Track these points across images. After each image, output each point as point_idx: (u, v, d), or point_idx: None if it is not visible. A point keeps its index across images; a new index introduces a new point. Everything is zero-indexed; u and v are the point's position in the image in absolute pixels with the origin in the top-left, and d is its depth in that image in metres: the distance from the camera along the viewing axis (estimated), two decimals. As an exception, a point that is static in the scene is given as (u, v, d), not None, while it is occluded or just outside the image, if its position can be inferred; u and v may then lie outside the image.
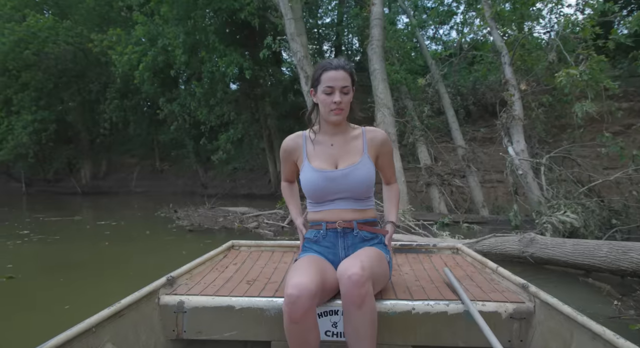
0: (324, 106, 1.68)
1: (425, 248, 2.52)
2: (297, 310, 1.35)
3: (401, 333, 1.55)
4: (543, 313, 1.51)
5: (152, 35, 12.05)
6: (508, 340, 1.52)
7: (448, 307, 1.54)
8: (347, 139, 1.77)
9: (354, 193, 1.71)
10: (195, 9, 10.69)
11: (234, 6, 10.36)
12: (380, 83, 7.33)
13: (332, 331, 1.55)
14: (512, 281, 1.80)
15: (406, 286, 1.78)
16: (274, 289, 1.73)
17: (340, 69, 1.66)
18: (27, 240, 5.94)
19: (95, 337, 1.31)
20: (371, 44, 7.63)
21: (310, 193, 1.74)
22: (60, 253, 5.15)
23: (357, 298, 1.35)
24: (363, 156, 1.72)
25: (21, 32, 14.32)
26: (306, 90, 7.24)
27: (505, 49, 7.16)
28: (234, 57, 10.93)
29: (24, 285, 3.73)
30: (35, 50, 14.96)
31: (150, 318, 1.58)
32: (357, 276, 1.36)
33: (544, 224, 4.79)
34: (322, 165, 1.71)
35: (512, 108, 6.64)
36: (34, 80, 16.54)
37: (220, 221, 7.34)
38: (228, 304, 1.59)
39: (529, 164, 6.27)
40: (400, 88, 9.15)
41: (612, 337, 1.18)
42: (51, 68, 16.50)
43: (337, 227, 1.71)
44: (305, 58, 7.47)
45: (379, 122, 7.20)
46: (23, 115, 16.52)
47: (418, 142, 8.43)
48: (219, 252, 2.37)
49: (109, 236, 6.31)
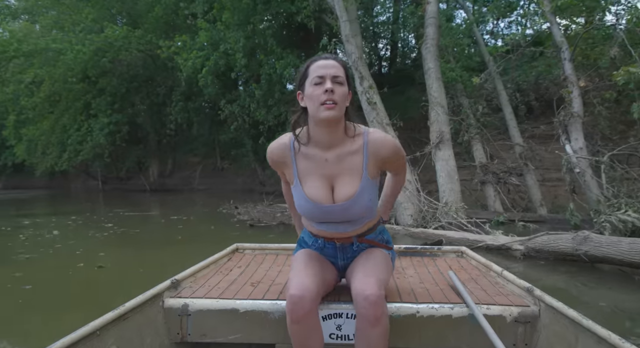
0: (313, 101, 1.39)
1: (430, 251, 2.51)
2: (299, 311, 1.34)
3: (405, 337, 1.53)
4: (548, 317, 1.49)
5: (214, 40, 12.73)
6: (513, 343, 1.51)
7: (452, 311, 1.53)
8: (343, 152, 1.48)
9: (354, 219, 1.55)
10: (255, 14, 11.21)
11: (291, 10, 10.76)
12: (434, 82, 7.38)
13: (336, 334, 1.55)
14: (517, 285, 1.77)
15: (411, 289, 1.76)
16: (278, 292, 1.72)
17: (331, 59, 1.44)
18: (112, 232, 6.62)
19: (100, 340, 1.31)
20: (425, 43, 7.70)
21: (304, 215, 1.62)
22: (141, 245, 5.71)
23: (373, 318, 1.32)
24: (362, 180, 1.47)
25: (99, 42, 15.62)
26: (361, 90, 7.43)
27: (565, 44, 6.96)
28: (290, 59, 11.33)
29: (112, 273, 4.15)
30: (111, 58, 16.26)
31: (155, 321, 1.58)
32: (375, 297, 1.31)
33: (603, 223, 4.69)
34: (316, 192, 1.48)
35: (571, 105, 6.46)
36: (110, 85, 17.98)
37: (277, 216, 7.72)
38: (232, 307, 1.58)
39: (587, 162, 6.09)
40: (456, 86, 9.10)
41: (617, 341, 1.16)
42: (124, 74, 17.86)
43: (335, 243, 1.61)
44: (360, 59, 7.66)
45: (433, 121, 7.26)
46: (100, 118, 17.97)
47: (473, 140, 8.37)
48: (223, 255, 2.37)
49: (181, 230, 6.87)
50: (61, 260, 4.64)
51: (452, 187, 6.85)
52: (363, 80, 7.46)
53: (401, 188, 1.80)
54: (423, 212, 6.53)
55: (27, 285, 3.56)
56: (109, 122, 17.90)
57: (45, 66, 16.47)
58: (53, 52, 15.83)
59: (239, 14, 11.31)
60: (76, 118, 19.16)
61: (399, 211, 6.73)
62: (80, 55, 15.45)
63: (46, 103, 18.53)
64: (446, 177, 6.94)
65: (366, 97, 7.36)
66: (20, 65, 16.98)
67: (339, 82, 1.40)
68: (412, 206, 6.65)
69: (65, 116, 19.15)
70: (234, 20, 11.56)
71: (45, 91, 17.74)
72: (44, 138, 19.60)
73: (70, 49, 15.41)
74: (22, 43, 15.82)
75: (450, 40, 9.77)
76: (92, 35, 15.81)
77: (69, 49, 15.42)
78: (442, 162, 7.04)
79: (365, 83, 7.44)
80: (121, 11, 18.24)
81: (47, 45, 15.64)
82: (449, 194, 6.77)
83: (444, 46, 9.13)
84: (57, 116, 19.17)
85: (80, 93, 18.41)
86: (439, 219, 6.25)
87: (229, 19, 11.60)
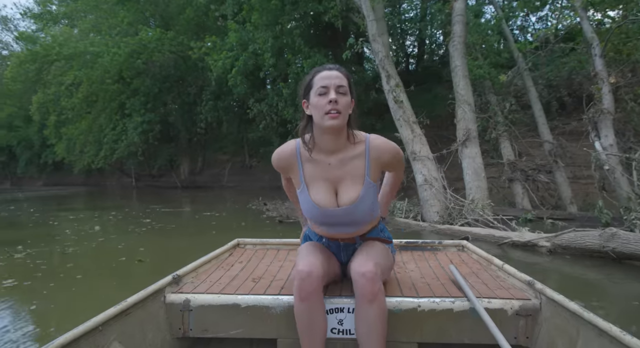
0: (318, 110, 1.47)
1: (431, 245, 2.50)
2: (307, 287, 1.40)
3: (407, 330, 1.55)
4: (549, 310, 1.50)
5: (244, 41, 13.03)
6: (514, 336, 1.52)
7: (454, 304, 1.54)
8: (346, 157, 1.56)
9: (357, 222, 1.64)
10: (283, 15, 11.43)
11: (319, 9, 10.92)
12: (461, 79, 7.40)
13: (337, 328, 1.56)
14: (518, 278, 1.78)
15: (412, 283, 1.77)
16: (279, 287, 1.73)
17: (335, 70, 1.51)
18: (150, 227, 6.95)
19: (102, 336, 1.31)
20: (453, 41, 7.71)
21: (309, 218, 1.69)
22: (178, 240, 5.97)
23: (370, 294, 1.38)
24: (365, 184, 1.55)
25: (134, 44, 16.20)
26: (387, 89, 7.53)
27: (596, 40, 6.85)
28: (317, 58, 11.50)
29: (151, 267, 4.35)
30: (145, 60, 16.84)
31: (157, 316, 1.59)
32: (371, 273, 1.39)
33: (633, 220, 4.66)
34: (322, 197, 1.56)
35: (601, 101, 6.37)
36: (143, 86, 18.61)
37: (305, 213, 7.89)
38: (234, 302, 1.59)
39: (617, 159, 6.01)
40: (484, 83, 9.06)
41: (618, 334, 1.17)
42: (157, 74, 18.46)
43: (339, 241, 1.70)
44: (387, 58, 7.74)
45: (460, 119, 7.29)
46: (134, 117, 18.62)
47: (501, 138, 8.33)
48: (224, 251, 2.37)
49: (214, 226, 7.14)
50: (105, 254, 4.93)
51: (478, 184, 6.87)
52: (390, 78, 7.55)
53: (399, 184, 1.82)
54: (449, 209, 6.59)
55: (78, 275, 3.88)
56: (142, 121, 18.53)
57: (83, 68, 17.21)
58: (91, 55, 16.55)
59: (268, 15, 11.55)
60: (112, 117, 19.93)
61: (425, 208, 6.81)
62: (116, 58, 16.08)
63: (84, 103, 19.34)
64: (473, 174, 6.97)
65: (393, 95, 7.45)
66: (60, 68, 17.82)
67: (342, 92, 1.47)
68: (439, 203, 6.72)
69: (101, 116, 19.95)
70: (263, 21, 11.81)
71: (84, 92, 18.52)
72: (82, 137, 20.45)
73: (106, 51, 16.07)
74: (63, 47, 16.59)
75: (478, 37, 9.72)
76: (127, 38, 16.43)
77: (105, 51, 16.09)
78: (469, 159, 7.06)
79: (391, 81, 7.53)
80: (154, 14, 18.82)
81: (85, 48, 16.37)
82: (476, 191, 6.80)
83: (472, 43, 9.10)
84: (94, 116, 19.99)
85: (115, 93, 19.14)
86: (465, 216, 6.30)
87: (257, 20, 11.85)
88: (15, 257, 4.61)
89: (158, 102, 19.48)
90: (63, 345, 1.15)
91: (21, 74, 18.21)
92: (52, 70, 17.92)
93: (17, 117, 29.47)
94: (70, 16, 21.28)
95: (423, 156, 7.08)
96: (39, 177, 34.39)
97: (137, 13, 18.12)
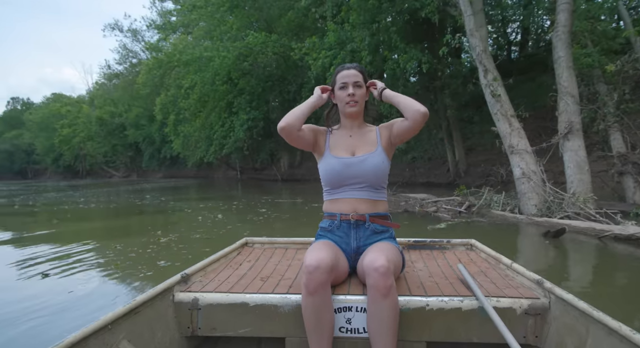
0: (341, 101, 1.88)
1: (439, 244, 2.49)
2: (315, 280, 1.44)
3: (415, 329, 1.54)
4: (558, 309, 1.49)
5: (342, 40, 13.63)
6: (523, 335, 1.52)
7: (462, 303, 1.53)
8: (363, 131, 1.95)
9: (368, 180, 1.82)
10: (380, 13, 11.79)
11: (415, 6, 11.10)
12: (564, 71, 7.20)
13: (346, 327, 1.56)
14: (526, 277, 1.77)
15: (420, 282, 1.77)
16: (287, 286, 1.73)
17: (352, 69, 1.89)
18: (267, 216, 7.65)
19: (111, 334, 1.32)
20: (556, 31, 7.50)
21: (328, 179, 1.87)
22: (293, 229, 6.40)
23: (383, 289, 1.41)
24: (378, 147, 1.88)
25: (241, 48, 17.69)
26: (484, 83, 7.58)
27: None
28: (413, 53, 11.69)
29: None
30: (251, 62, 18.26)
31: (165, 315, 1.60)
32: (384, 268, 1.42)
33: None
34: (341, 153, 1.87)
35: None
36: (248, 85, 20.18)
37: (402, 205, 8.28)
38: (242, 301, 1.59)
39: None
40: (592, 71, 8.60)
41: (628, 333, 1.16)
42: (260, 75, 19.89)
43: (350, 219, 1.81)
44: (484, 52, 7.76)
45: (561, 111, 7.11)
46: (240, 115, 20.28)
47: (611, 129, 7.90)
48: (232, 249, 2.39)
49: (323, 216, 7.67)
50: (234, 240, 5.55)
51: (581, 177, 6.69)
52: (487, 73, 7.59)
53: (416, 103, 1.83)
54: (548, 202, 6.52)
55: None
56: (248, 118, 20.11)
57: (198, 72, 19.17)
58: (204, 59, 18.39)
59: (365, 14, 11.99)
60: (220, 116, 21.90)
61: (523, 201, 6.81)
62: (225, 61, 17.70)
63: (198, 104, 21.50)
64: (575, 167, 6.79)
65: (490, 89, 7.49)
66: (179, 72, 20.04)
67: (359, 85, 1.87)
68: (537, 196, 6.67)
69: (212, 114, 22.01)
70: (361, 20, 12.28)
71: (197, 93, 20.62)
72: (197, 134, 22.71)
73: (217, 55, 17.76)
74: (182, 54, 18.66)
75: (588, 23, 9.19)
76: (236, 42, 17.97)
77: (216, 55, 17.78)
78: (571, 152, 6.88)
79: (489, 76, 7.56)
80: (258, 19, 20.26)
81: (200, 54, 18.24)
82: (578, 185, 6.63)
83: (579, 31, 8.66)
84: (205, 115, 22.12)
85: (224, 94, 20.99)
86: (565, 210, 6.21)
87: (355, 20, 12.34)
88: (160, 241, 5.28)
89: (261, 100, 20.97)
90: (73, 343, 1.16)
91: (149, 80, 20.83)
92: (172, 74, 20.22)
93: (142, 117, 33.61)
94: (186, 25, 23.70)
95: (521, 149, 7.05)
96: (158, 169, 38.88)
97: (243, 19, 19.68)
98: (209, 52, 18.09)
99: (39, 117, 48.59)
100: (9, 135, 57.60)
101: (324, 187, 1.90)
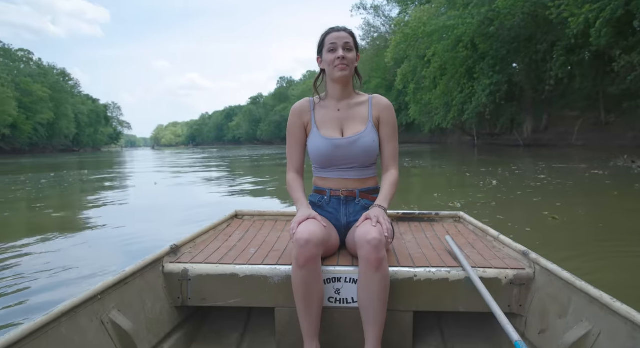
0: (329, 65, 1.70)
1: (428, 216, 2.45)
2: (305, 253, 1.42)
3: (403, 300, 1.57)
4: (542, 279, 1.51)
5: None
6: (508, 305, 1.55)
7: (449, 274, 1.55)
8: (352, 104, 1.80)
9: (358, 160, 1.76)
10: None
11: None
12: None
13: (335, 298, 1.59)
14: (513, 248, 1.77)
15: (408, 253, 1.77)
16: (277, 257, 1.73)
17: (342, 31, 1.72)
18: (547, 183, 6.93)
19: (101, 304, 1.34)
20: None
21: (317, 159, 1.80)
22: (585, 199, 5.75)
23: (375, 261, 1.41)
24: (368, 124, 1.77)
25: (485, 13, 17.45)
26: None
27: None
28: None
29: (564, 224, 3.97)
30: (497, 25, 17.89)
31: (155, 285, 1.62)
32: (376, 241, 1.41)
33: None
34: (330, 132, 1.76)
35: None
36: (492, 49, 19.79)
37: None
38: (232, 272, 1.60)
39: None
40: None
41: (609, 301, 1.19)
42: (505, 37, 19.22)
43: (340, 195, 1.78)
44: None
45: None
46: (482, 80, 20.15)
47: None
48: (222, 221, 2.38)
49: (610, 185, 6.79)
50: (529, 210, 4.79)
51: None
52: None
53: (397, 183, 1.80)
54: None
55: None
56: (490, 83, 19.84)
57: (440, 41, 19.80)
58: (448, 28, 18.87)
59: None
60: (459, 82, 22.13)
61: None
62: (470, 27, 17.78)
63: (438, 72, 22.22)
64: None
65: None
66: (422, 43, 21.07)
67: (349, 48, 1.69)
68: None
69: (451, 82, 22.46)
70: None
71: (438, 62, 21.33)
72: (437, 101, 23.60)
73: (461, 23, 17.98)
74: (426, 25, 19.57)
75: None
76: (480, 8, 17.81)
77: (460, 24, 18.02)
78: None
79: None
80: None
81: (444, 24, 18.79)
82: None
83: None
84: (445, 82, 22.72)
85: (464, 60, 21.12)
86: None
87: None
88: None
89: (505, 63, 20.32)
90: (63, 312, 1.18)
91: (396, 53, 22.59)
92: (415, 45, 21.41)
93: (381, 86, 36.50)
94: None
95: None
96: (395, 135, 41.79)
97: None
98: (453, 21, 18.45)
99: (299, 92, 59.12)
100: (279, 108, 73.11)
101: (312, 163, 1.85)
